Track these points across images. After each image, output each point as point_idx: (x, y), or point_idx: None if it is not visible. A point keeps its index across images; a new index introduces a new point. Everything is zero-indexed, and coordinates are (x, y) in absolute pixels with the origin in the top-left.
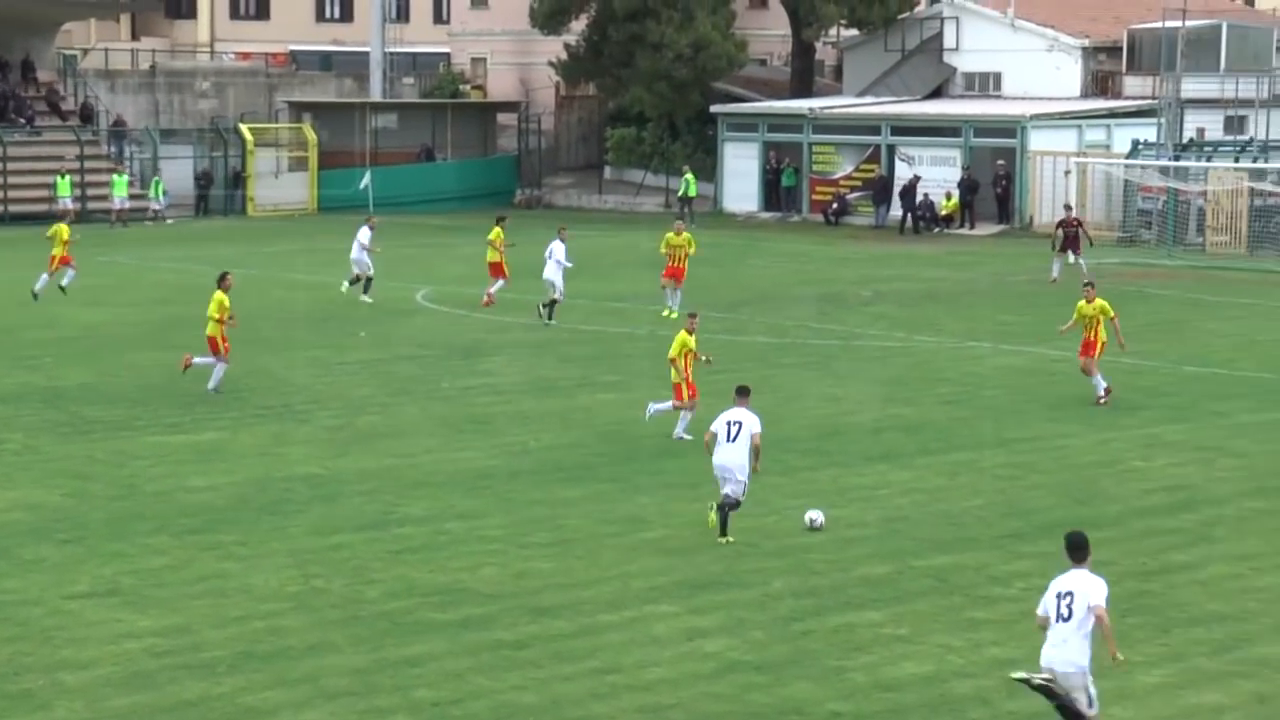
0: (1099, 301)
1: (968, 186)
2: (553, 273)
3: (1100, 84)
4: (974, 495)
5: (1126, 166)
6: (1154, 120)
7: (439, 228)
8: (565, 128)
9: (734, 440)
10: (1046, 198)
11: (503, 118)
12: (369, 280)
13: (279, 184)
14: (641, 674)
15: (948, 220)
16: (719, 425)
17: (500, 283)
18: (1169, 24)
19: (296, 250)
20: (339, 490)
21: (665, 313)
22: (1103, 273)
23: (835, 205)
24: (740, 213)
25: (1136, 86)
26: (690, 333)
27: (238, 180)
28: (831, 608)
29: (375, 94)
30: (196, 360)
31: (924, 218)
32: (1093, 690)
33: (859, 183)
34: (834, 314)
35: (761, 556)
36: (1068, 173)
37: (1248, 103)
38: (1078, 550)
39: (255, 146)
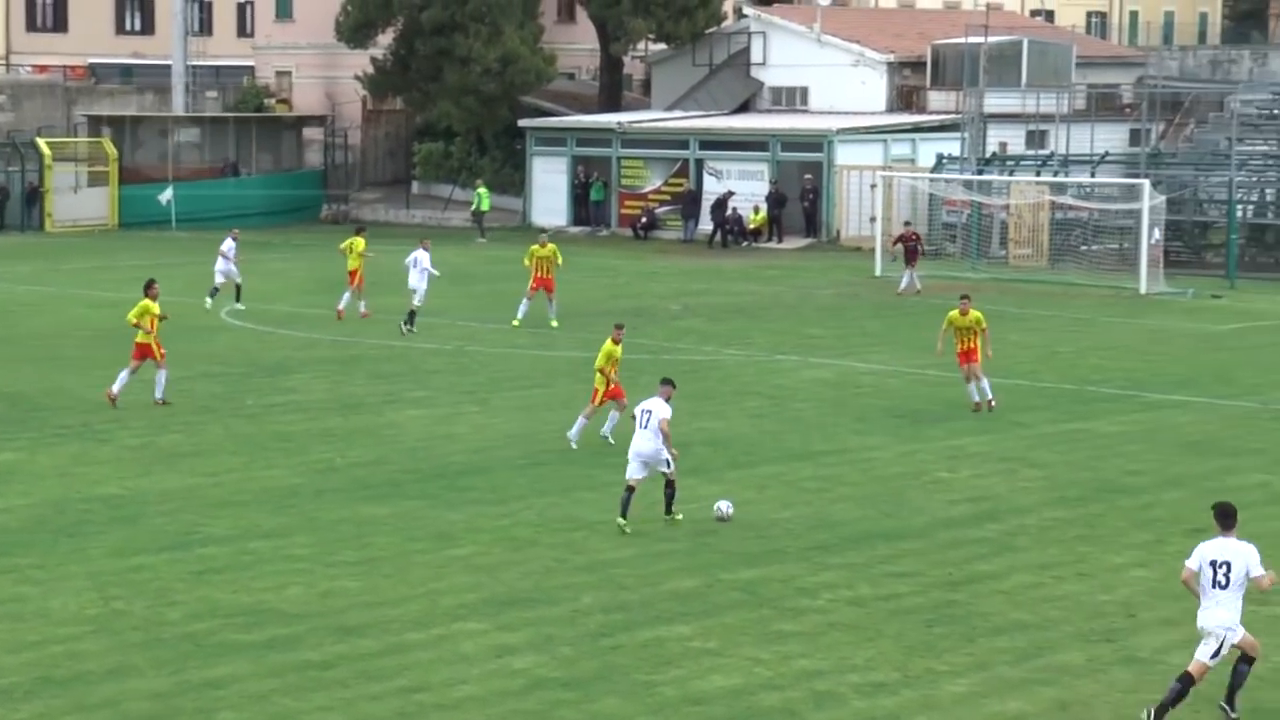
0: (974, 313)
1: (775, 200)
2: (417, 280)
3: (905, 99)
4: (782, 508)
5: (931, 180)
6: (958, 135)
7: (244, 244)
8: (372, 142)
9: (645, 427)
10: (853, 211)
11: (309, 132)
12: (239, 287)
13: (78, 199)
14: (449, 692)
15: (755, 234)
16: (637, 411)
17: (348, 295)
18: (971, 40)
19: (96, 267)
20: (140, 511)
21: (514, 322)
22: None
23: (644, 219)
24: (549, 227)
25: (941, 101)
26: (616, 343)
27: (35, 195)
28: (641, 622)
29: (178, 108)
30: (115, 389)
31: (732, 231)
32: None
33: (668, 197)
34: (644, 328)
35: (570, 572)
36: (874, 186)
37: (1048, 117)
38: (1227, 518)
39: (53, 161)
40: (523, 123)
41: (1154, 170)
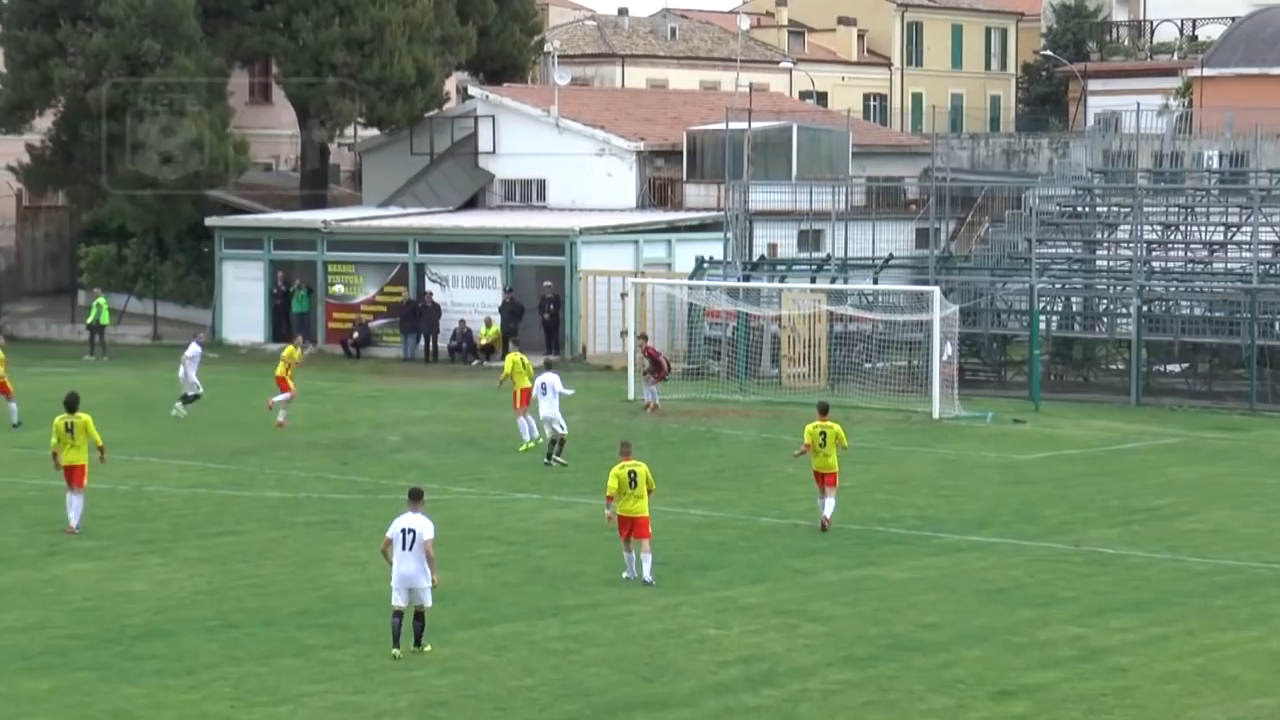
0: (835, 426)
1: (511, 311)
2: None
3: (659, 193)
4: (524, 674)
5: (690, 288)
6: (720, 235)
7: None
8: (29, 245)
9: (408, 549)
10: (601, 323)
11: None
12: (196, 397)
13: None
14: None
15: (488, 351)
16: (394, 532)
17: (285, 395)
18: (733, 126)
19: None
20: None
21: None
22: (668, 410)
23: (356, 334)
24: (243, 344)
25: (699, 196)
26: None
27: None
28: None
29: None
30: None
31: (460, 348)
32: None
33: (384, 308)
34: (357, 463)
35: None
36: (624, 295)
37: (823, 215)
38: None
39: None
40: (210, 221)
41: (945, 276)
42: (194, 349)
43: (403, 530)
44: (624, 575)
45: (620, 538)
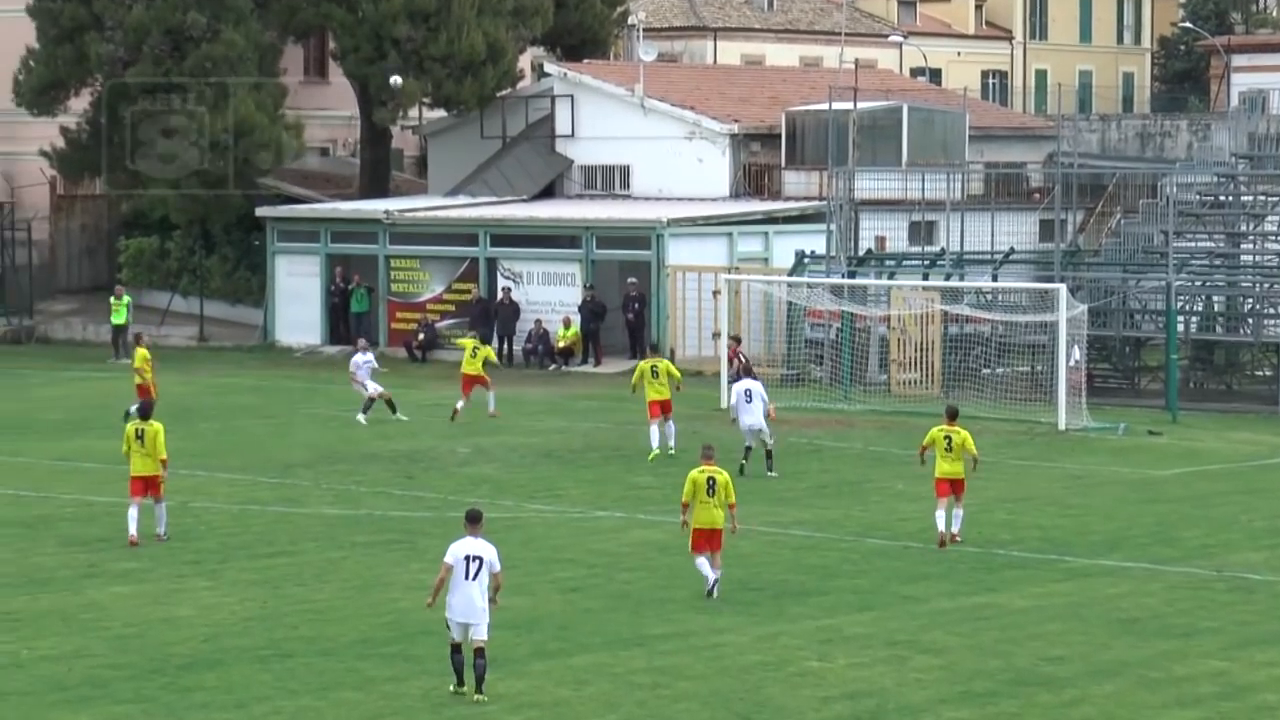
0: (964, 433)
1: (591, 311)
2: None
3: (754, 181)
4: (607, 710)
5: (790, 285)
6: (822, 227)
7: None
8: (64, 237)
9: (472, 578)
10: (691, 324)
11: None
12: (371, 401)
13: None
14: None
15: (566, 354)
16: (456, 559)
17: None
18: (837, 106)
19: None
20: None
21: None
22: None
23: (421, 336)
24: (298, 346)
25: (799, 184)
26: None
27: None
28: None
29: None
30: None
31: (535, 350)
32: None
33: (452, 307)
34: (422, 477)
35: None
36: (716, 293)
37: (937, 204)
38: None
39: None
40: (261, 211)
41: (1072, 272)
42: (361, 358)
43: (467, 557)
44: (707, 589)
45: (691, 550)
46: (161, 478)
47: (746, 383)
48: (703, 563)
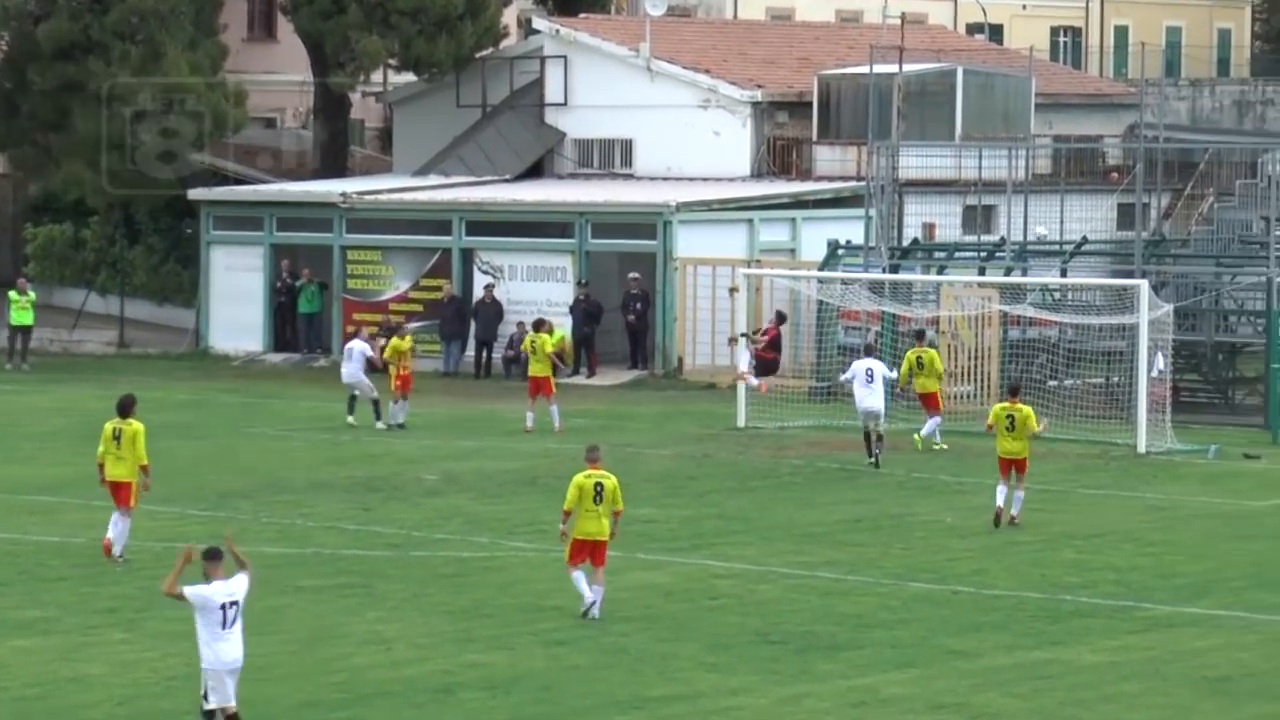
0: (1026, 409)
1: (586, 312)
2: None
3: (780, 158)
4: None
5: (821, 281)
6: (860, 212)
7: None
8: None
9: (232, 626)
10: (703, 328)
11: None
12: (375, 402)
13: None
14: None
15: (555, 363)
16: (211, 604)
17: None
18: (879, 69)
19: None
20: None
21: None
22: (788, 441)
23: (384, 341)
24: (236, 354)
25: (834, 162)
26: (401, 338)
27: None
28: None
29: None
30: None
31: (517, 359)
32: None
33: (420, 307)
34: (382, 509)
35: None
36: (734, 290)
37: (997, 185)
38: None
39: None
40: (195, 194)
41: (1156, 265)
42: (360, 346)
43: (223, 606)
44: (582, 607)
45: (568, 563)
46: (136, 485)
47: (868, 362)
48: (579, 578)
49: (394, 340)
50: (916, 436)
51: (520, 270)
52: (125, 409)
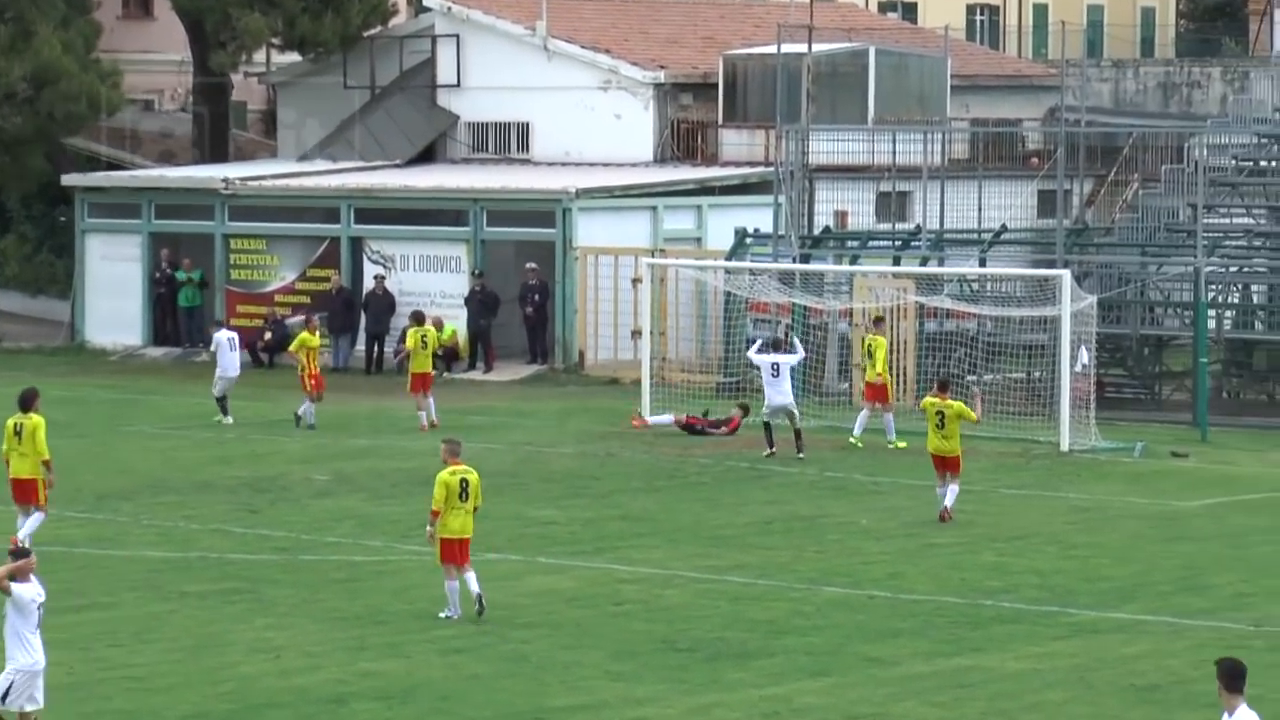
0: (956, 405)
1: (482, 304)
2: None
3: (685, 142)
4: None
5: (728, 271)
6: (769, 199)
7: None
8: None
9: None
10: (605, 321)
11: None
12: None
13: None
14: None
15: (449, 358)
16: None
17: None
18: (788, 49)
19: None
20: None
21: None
22: (686, 441)
23: (268, 335)
24: (114, 348)
25: (741, 146)
26: (312, 332)
27: None
28: None
29: None
30: None
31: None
32: None
33: (306, 299)
34: (269, 511)
35: None
36: (637, 281)
37: (912, 171)
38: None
39: None
40: (69, 180)
41: (1079, 255)
42: (226, 334)
43: (39, 606)
44: (445, 614)
45: (441, 563)
46: (41, 481)
47: (775, 356)
48: (454, 587)
49: (303, 334)
50: (853, 439)
51: (412, 260)
52: (27, 403)
